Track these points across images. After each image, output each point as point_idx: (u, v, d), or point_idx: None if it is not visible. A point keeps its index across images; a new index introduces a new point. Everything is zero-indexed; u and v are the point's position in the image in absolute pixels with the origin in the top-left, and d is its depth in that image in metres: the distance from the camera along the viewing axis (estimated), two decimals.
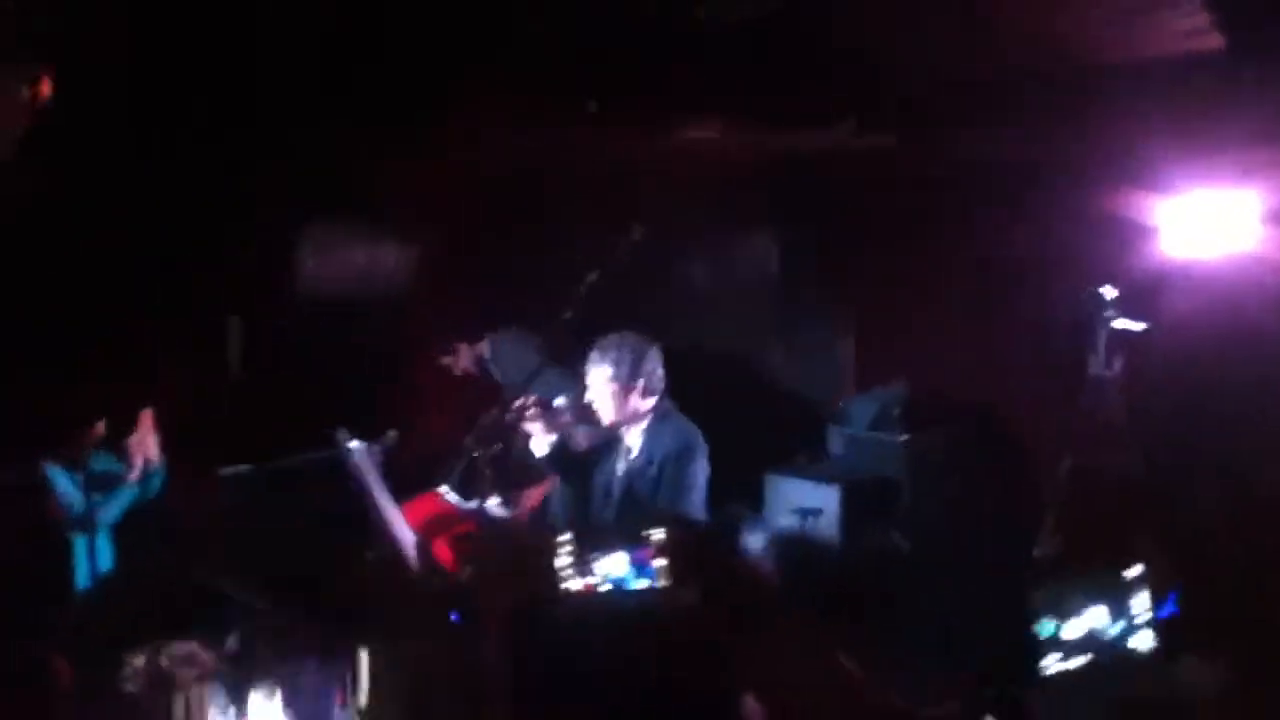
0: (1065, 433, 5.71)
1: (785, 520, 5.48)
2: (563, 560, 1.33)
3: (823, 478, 5.79)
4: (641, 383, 3.78)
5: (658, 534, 1.36)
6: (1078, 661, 4.66)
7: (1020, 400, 5.87)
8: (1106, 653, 4.82)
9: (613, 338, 3.86)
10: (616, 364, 3.77)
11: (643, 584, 1.35)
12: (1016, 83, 5.11)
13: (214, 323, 5.64)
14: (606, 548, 1.34)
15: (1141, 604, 4.72)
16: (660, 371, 3.85)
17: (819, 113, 5.55)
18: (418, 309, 5.82)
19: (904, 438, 5.84)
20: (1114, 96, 4.97)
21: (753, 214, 6.52)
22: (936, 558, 5.35)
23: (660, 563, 1.39)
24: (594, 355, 3.84)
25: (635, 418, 3.83)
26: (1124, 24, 4.90)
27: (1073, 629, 4.93)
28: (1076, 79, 4.97)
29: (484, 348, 5.48)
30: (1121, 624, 4.64)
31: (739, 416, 6.26)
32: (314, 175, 5.43)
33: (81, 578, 4.40)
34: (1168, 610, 4.80)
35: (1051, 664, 4.68)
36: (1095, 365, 5.45)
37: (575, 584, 1.32)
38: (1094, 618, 4.80)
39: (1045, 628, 4.75)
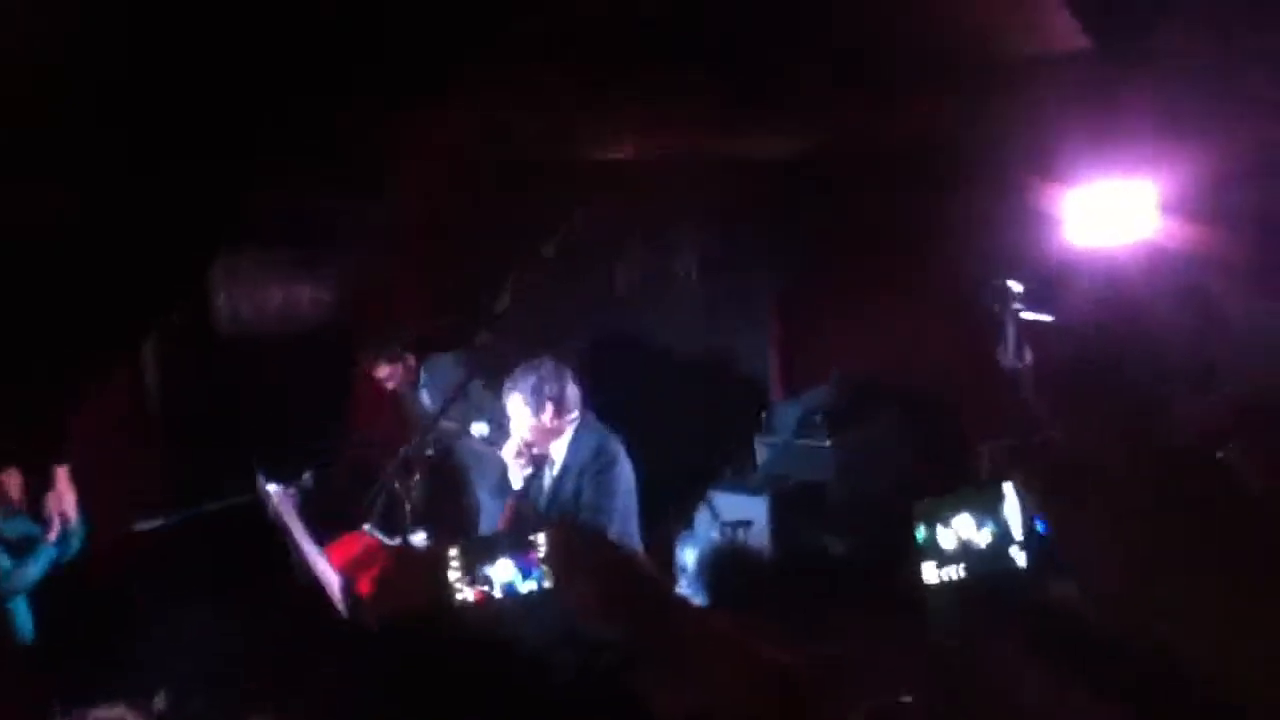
0: (984, 421, 5.82)
1: (715, 534, 5.52)
2: (452, 572, 1.34)
3: (751, 489, 5.84)
4: (555, 406, 3.82)
5: (539, 536, 1.37)
6: (953, 571, 4.81)
7: (941, 392, 5.97)
8: (983, 565, 4.98)
9: (527, 365, 3.90)
10: (532, 391, 3.81)
11: (530, 586, 1.35)
12: (925, 76, 5.20)
13: (129, 369, 5.51)
14: (493, 556, 1.35)
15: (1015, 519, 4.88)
16: (575, 391, 3.89)
17: (734, 109, 5.59)
18: (339, 342, 5.75)
19: (828, 442, 5.92)
20: (1018, 88, 5.08)
21: (672, 218, 6.55)
22: (869, 554, 5.42)
23: (544, 564, 1.39)
24: (508, 385, 3.87)
25: (556, 436, 3.86)
26: (1026, 15, 5.01)
27: (946, 537, 5.08)
28: (982, 70, 5.07)
29: (414, 369, 5.43)
30: (992, 535, 4.80)
31: (667, 431, 6.29)
32: (227, 212, 5.35)
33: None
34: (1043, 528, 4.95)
35: (928, 573, 4.82)
36: (1005, 357, 5.56)
37: (467, 594, 1.34)
38: (965, 527, 4.97)
39: (919, 533, 4.90)
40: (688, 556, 5.03)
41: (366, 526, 3.82)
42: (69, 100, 4.10)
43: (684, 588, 4.50)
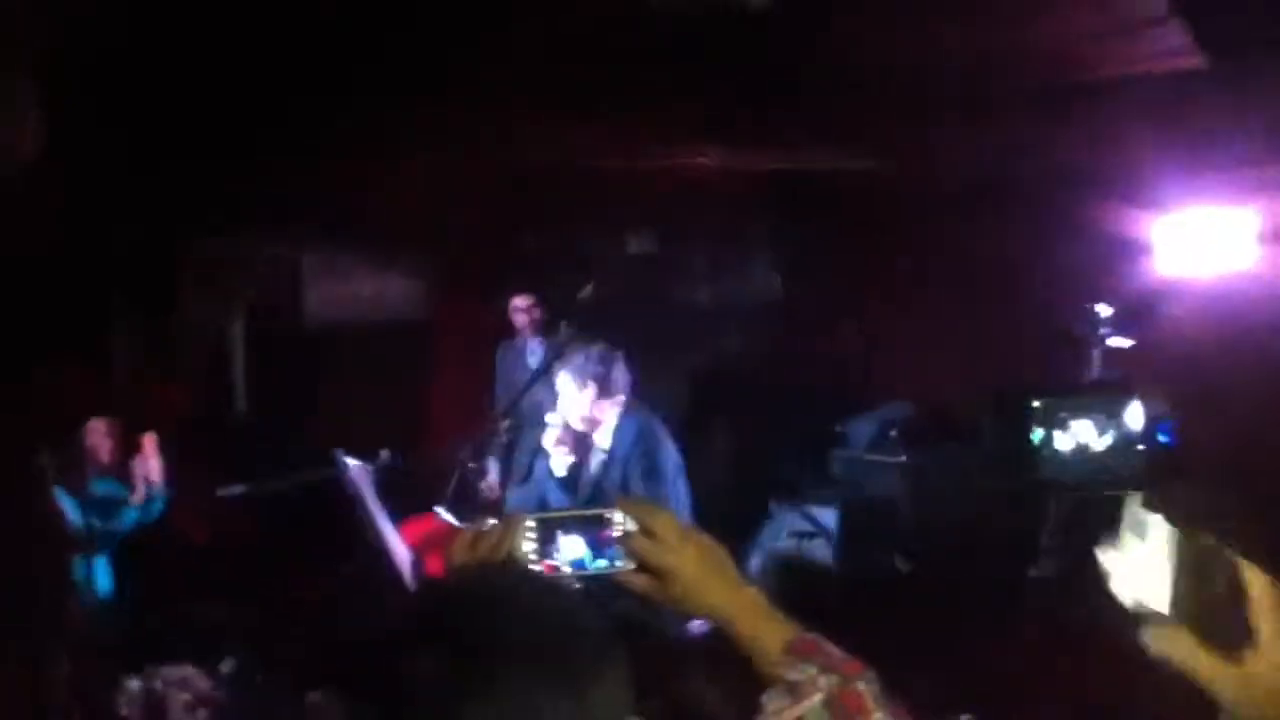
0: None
1: (785, 543, 5.49)
2: (526, 545, 1.33)
3: (822, 500, 5.81)
4: (599, 387, 3.84)
5: (615, 514, 1.35)
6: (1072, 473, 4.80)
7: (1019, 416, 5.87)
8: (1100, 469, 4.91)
9: (579, 349, 3.93)
10: (580, 374, 3.84)
11: (601, 564, 1.34)
12: (1013, 99, 5.14)
13: (216, 346, 5.68)
14: (566, 531, 1.34)
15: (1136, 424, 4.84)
16: (622, 375, 3.91)
17: (818, 131, 5.58)
18: (419, 327, 5.85)
19: (903, 458, 5.85)
20: (1111, 112, 4.99)
21: (758, 234, 6.55)
22: (938, 578, 5.34)
23: (618, 544, 1.38)
24: (559, 367, 3.90)
25: (598, 423, 3.88)
26: (1120, 38, 4.92)
27: (1064, 440, 5.03)
28: (1073, 94, 5.00)
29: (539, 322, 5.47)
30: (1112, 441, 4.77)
31: (743, 439, 6.28)
32: (315, 199, 5.47)
33: (81, 599, 4.41)
34: (1164, 436, 4.88)
35: (1045, 473, 4.81)
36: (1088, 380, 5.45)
37: (537, 568, 1.32)
38: (1084, 431, 4.92)
39: (1036, 435, 4.90)
40: (755, 563, 5.02)
41: (439, 509, 3.87)
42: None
43: None
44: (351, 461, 3.49)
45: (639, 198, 5.77)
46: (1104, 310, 5.27)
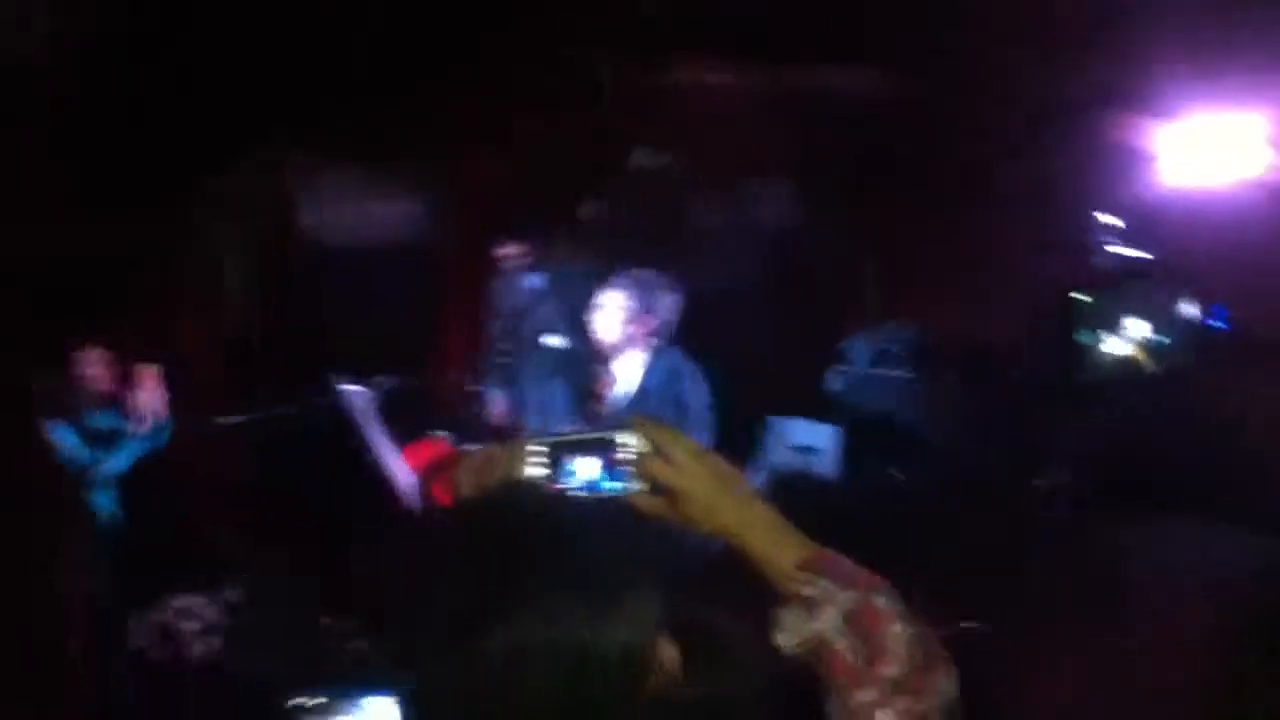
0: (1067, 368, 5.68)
1: (784, 457, 5.50)
2: (537, 467, 1.29)
3: (822, 416, 5.81)
4: (650, 319, 3.77)
5: (624, 436, 1.32)
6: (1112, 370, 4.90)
7: (1020, 336, 5.84)
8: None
9: (641, 271, 3.85)
10: (632, 294, 3.77)
11: (613, 487, 1.31)
12: (1023, 15, 5.03)
13: (213, 271, 5.61)
14: (576, 453, 1.30)
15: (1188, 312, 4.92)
16: (672, 316, 3.83)
17: (833, 51, 5.47)
18: (417, 253, 5.78)
19: (904, 375, 5.84)
20: (1116, 21, 4.89)
21: (766, 152, 6.45)
22: (936, 494, 5.36)
23: (630, 466, 1.34)
24: (617, 279, 3.82)
25: (633, 348, 3.82)
26: None
27: (1113, 343, 5.10)
28: (1082, 7, 4.89)
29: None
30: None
31: (748, 356, 6.25)
32: (316, 123, 5.37)
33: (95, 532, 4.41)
34: (1217, 321, 4.95)
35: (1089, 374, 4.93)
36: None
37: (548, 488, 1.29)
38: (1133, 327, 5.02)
39: (1086, 336, 5.00)
40: (756, 479, 5.02)
41: (443, 432, 3.86)
42: None
43: None
44: (352, 387, 3.46)
45: (647, 114, 5.66)
46: (1115, 221, 5.22)
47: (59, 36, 4.19)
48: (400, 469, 3.43)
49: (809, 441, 5.51)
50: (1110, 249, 5.29)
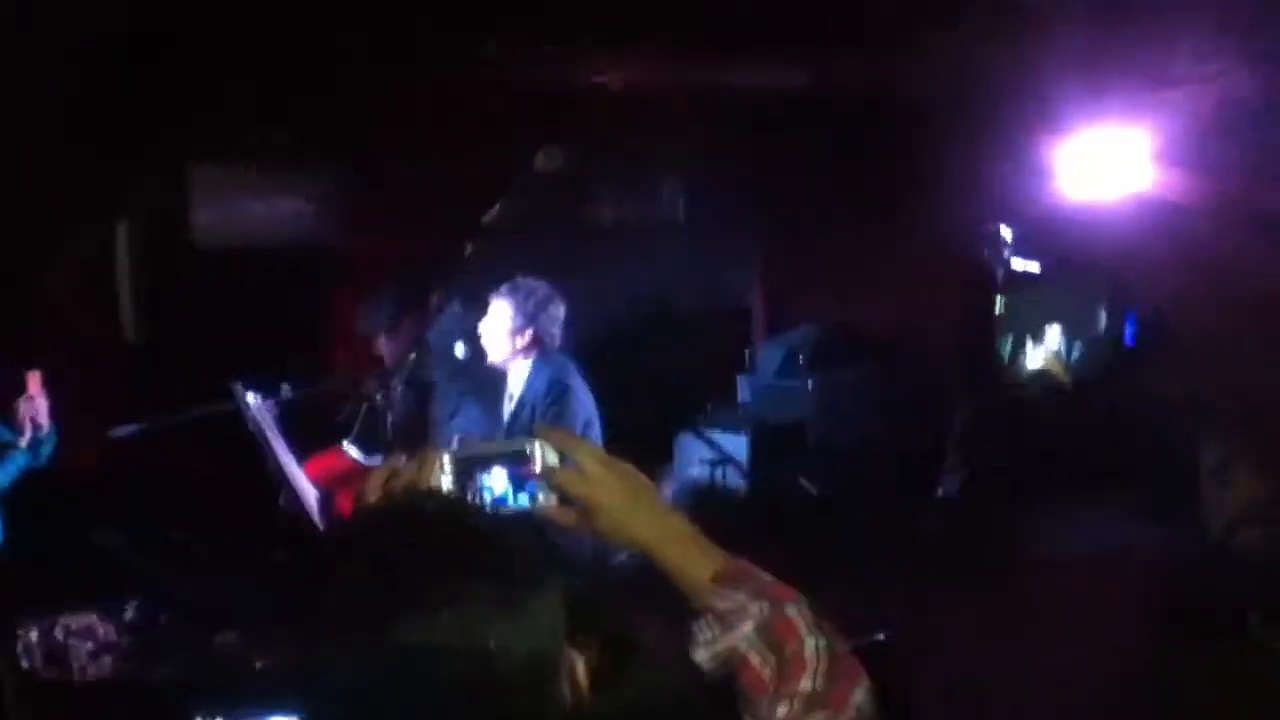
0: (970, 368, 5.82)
1: (696, 469, 5.53)
2: (444, 482, 1.27)
3: (732, 426, 5.85)
4: (531, 329, 3.79)
5: (535, 447, 1.30)
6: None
7: (923, 337, 5.96)
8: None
9: (524, 280, 3.86)
10: (514, 303, 3.77)
11: (523, 500, 1.29)
12: (921, 18, 5.13)
13: (103, 274, 5.40)
14: (487, 465, 1.28)
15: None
16: (556, 326, 3.85)
17: (727, 51, 5.50)
18: (319, 254, 5.65)
19: (809, 383, 5.91)
20: (1014, 31, 5.02)
21: (663, 156, 6.47)
22: (844, 497, 5.44)
23: (541, 478, 1.33)
24: (500, 288, 3.83)
25: (517, 358, 3.83)
26: None
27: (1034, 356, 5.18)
28: (980, 14, 5.00)
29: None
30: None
31: (649, 366, 6.26)
32: (209, 121, 5.22)
33: None
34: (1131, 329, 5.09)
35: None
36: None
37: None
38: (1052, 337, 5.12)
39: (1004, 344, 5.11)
40: (666, 492, 5.03)
41: (346, 443, 3.78)
42: None
43: None
44: (251, 396, 3.36)
45: (547, 117, 5.63)
46: (1006, 232, 5.35)
47: None
48: (302, 481, 3.35)
49: (720, 453, 5.54)
50: (1007, 253, 5.42)
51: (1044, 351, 5.31)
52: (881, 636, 3.07)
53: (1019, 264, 5.39)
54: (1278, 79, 4.76)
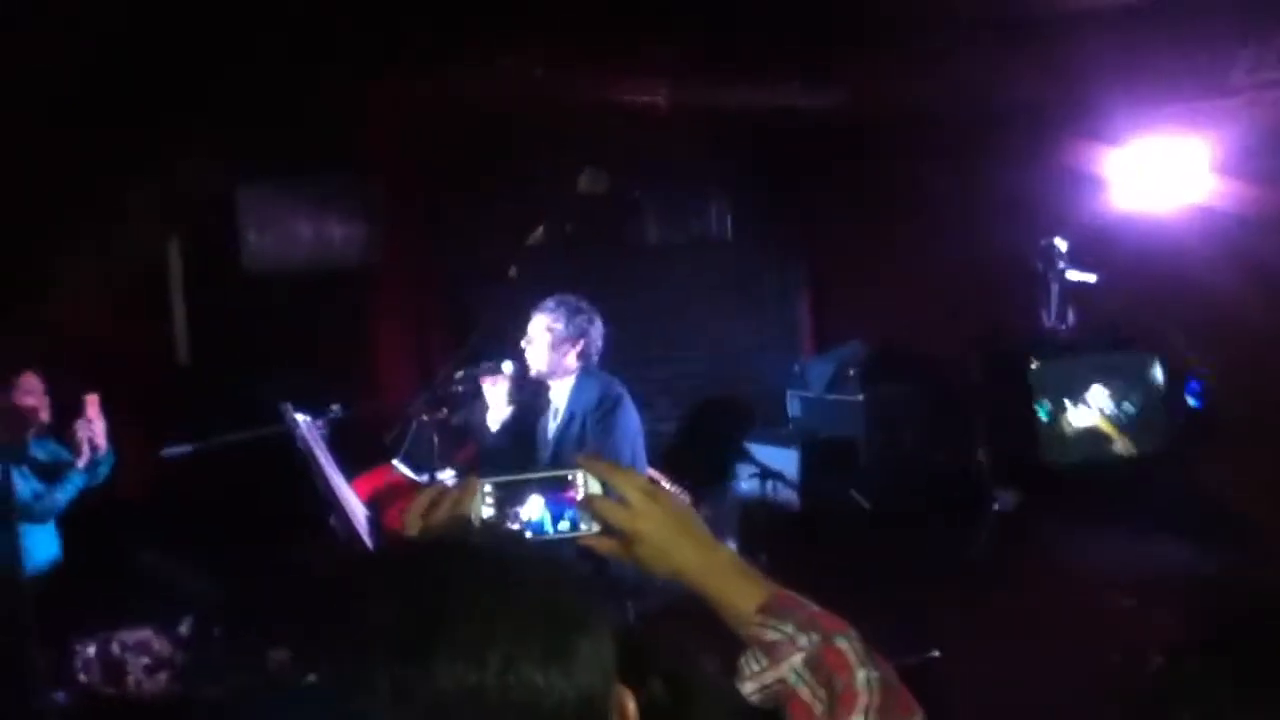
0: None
1: (746, 484, 5.48)
2: (485, 510, 1.26)
3: (782, 440, 5.81)
4: (580, 343, 3.80)
5: (577, 475, 1.28)
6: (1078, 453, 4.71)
7: (964, 357, 5.88)
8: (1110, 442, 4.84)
9: (566, 296, 3.88)
10: (559, 317, 3.79)
11: (563, 526, 1.27)
12: (967, 35, 5.08)
13: (157, 300, 5.49)
14: (526, 493, 1.27)
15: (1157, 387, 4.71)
16: (599, 342, 3.86)
17: (771, 69, 5.49)
18: (366, 276, 5.70)
19: (861, 397, 5.85)
20: (1064, 45, 4.95)
21: (709, 175, 6.46)
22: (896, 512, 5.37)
23: (580, 506, 1.31)
24: (543, 303, 3.85)
25: (563, 372, 3.83)
26: None
27: (1076, 414, 4.91)
28: (1027, 28, 4.95)
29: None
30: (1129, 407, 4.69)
31: (700, 382, 6.24)
32: (257, 151, 5.30)
33: (30, 567, 4.27)
34: (1192, 399, 4.81)
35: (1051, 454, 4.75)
36: (1048, 318, 5.46)
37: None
38: (1099, 398, 4.85)
39: (1042, 410, 4.82)
40: (715, 507, 4.99)
41: (395, 461, 3.79)
42: None
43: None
44: (300, 416, 3.38)
45: (591, 138, 5.65)
46: (1062, 244, 5.25)
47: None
48: (352, 500, 3.36)
49: (771, 466, 5.49)
50: (1062, 265, 5.32)
51: (1092, 413, 5.07)
52: (935, 654, 3.03)
53: (1074, 275, 5.29)
54: None
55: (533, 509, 1.29)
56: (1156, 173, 5.43)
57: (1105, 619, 4.32)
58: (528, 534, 1.27)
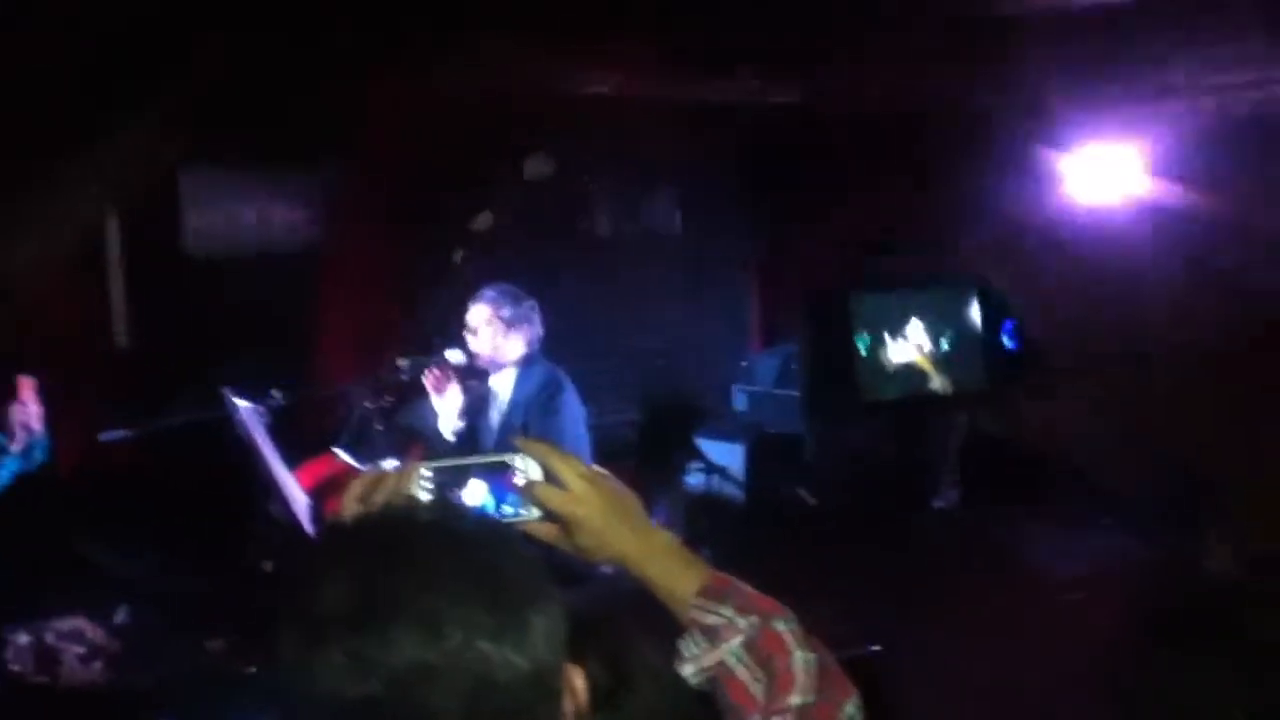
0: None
1: (692, 479, 5.51)
2: (424, 496, 1.25)
3: (729, 435, 5.83)
4: (523, 331, 3.80)
5: (517, 460, 1.28)
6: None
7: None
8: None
9: (506, 285, 3.88)
10: (501, 305, 3.78)
11: (505, 513, 1.26)
12: (921, 33, 5.13)
13: (96, 279, 5.37)
14: (466, 478, 1.26)
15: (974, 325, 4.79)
16: (541, 330, 3.86)
17: (723, 63, 5.51)
18: (309, 260, 5.63)
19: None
20: (1005, 48, 5.02)
21: (658, 166, 6.46)
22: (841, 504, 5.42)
23: (520, 490, 1.30)
24: (483, 292, 3.84)
25: (505, 359, 3.82)
26: None
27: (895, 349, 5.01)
28: (969, 30, 5.01)
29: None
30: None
31: (646, 375, 6.25)
32: (205, 126, 5.20)
33: None
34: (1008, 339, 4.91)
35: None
36: None
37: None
38: (917, 333, 4.94)
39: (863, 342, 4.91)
40: (669, 504, 5.01)
41: (337, 449, 3.76)
42: None
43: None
44: (241, 402, 3.34)
45: (540, 126, 5.63)
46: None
47: None
48: (293, 488, 3.32)
49: (717, 460, 5.52)
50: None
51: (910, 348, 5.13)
52: (875, 648, 3.06)
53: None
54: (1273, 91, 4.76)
55: (474, 494, 1.28)
56: (1099, 175, 5.54)
57: (1050, 612, 4.39)
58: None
